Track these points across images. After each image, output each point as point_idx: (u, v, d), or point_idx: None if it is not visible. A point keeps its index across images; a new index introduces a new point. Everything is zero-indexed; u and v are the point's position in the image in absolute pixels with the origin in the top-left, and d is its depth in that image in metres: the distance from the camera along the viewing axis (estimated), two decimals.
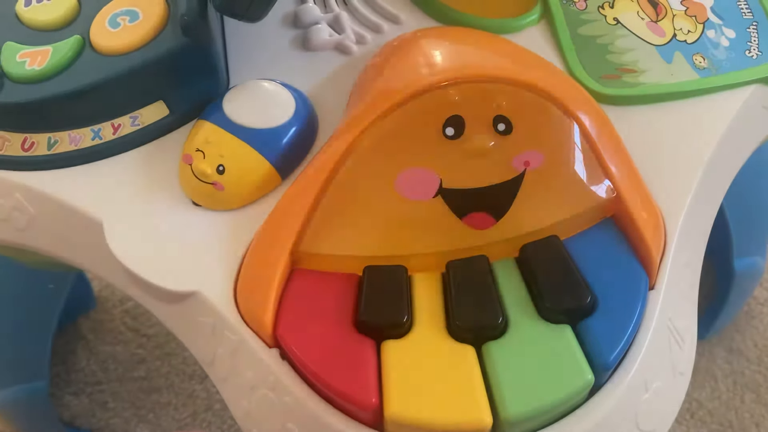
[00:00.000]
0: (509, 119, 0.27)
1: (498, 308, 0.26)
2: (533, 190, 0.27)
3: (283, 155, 0.29)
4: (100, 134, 0.30)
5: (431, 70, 0.28)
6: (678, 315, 0.28)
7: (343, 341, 0.25)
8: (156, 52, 0.30)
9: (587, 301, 0.26)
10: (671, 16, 0.35)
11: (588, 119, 0.29)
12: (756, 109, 0.34)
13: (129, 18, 0.31)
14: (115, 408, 0.49)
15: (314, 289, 0.27)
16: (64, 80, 0.30)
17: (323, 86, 0.32)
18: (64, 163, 0.30)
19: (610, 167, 0.28)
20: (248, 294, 0.27)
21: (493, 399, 0.24)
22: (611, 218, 0.29)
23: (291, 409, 0.25)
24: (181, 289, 0.27)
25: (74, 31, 0.31)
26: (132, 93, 0.30)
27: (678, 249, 0.29)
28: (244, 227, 0.29)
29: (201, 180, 0.29)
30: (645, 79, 0.33)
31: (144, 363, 0.51)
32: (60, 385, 0.50)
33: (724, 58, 0.34)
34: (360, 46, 0.34)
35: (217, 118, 0.30)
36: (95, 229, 0.29)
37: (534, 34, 0.35)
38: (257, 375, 0.26)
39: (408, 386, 0.24)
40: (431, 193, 0.27)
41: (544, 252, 0.27)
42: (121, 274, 0.29)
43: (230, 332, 0.27)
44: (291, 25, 0.34)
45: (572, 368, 0.25)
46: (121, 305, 0.54)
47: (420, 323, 0.26)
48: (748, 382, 0.50)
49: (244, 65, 0.32)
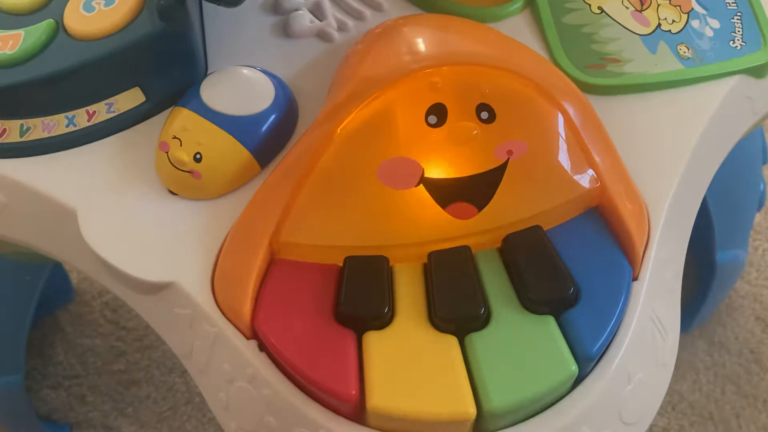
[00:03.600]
0: (492, 107, 0.27)
1: (480, 299, 0.26)
2: (516, 180, 0.27)
3: (262, 143, 0.29)
4: (75, 121, 0.30)
5: (414, 57, 0.28)
6: (661, 306, 0.28)
7: (323, 333, 0.25)
8: (132, 37, 0.29)
9: (570, 292, 0.26)
10: (656, 5, 0.35)
11: (572, 109, 0.28)
12: (740, 100, 0.34)
13: (104, 2, 0.30)
14: (93, 402, 0.48)
15: (294, 279, 0.26)
16: (37, 65, 0.29)
17: (304, 73, 0.32)
18: (37, 150, 0.30)
19: (594, 157, 0.28)
20: (226, 285, 0.26)
21: (477, 390, 0.24)
22: (595, 208, 0.28)
23: (270, 402, 0.25)
24: (157, 280, 0.27)
25: (47, 15, 0.30)
26: (107, 79, 0.30)
27: (662, 240, 0.29)
28: (222, 216, 0.28)
29: (178, 168, 0.28)
30: (629, 68, 0.33)
31: (123, 356, 0.50)
32: (37, 378, 0.49)
33: (709, 49, 0.34)
34: (342, 33, 0.33)
35: (194, 105, 0.29)
36: (69, 218, 0.28)
37: (518, 22, 0.34)
38: (235, 367, 0.26)
39: (390, 378, 0.24)
40: (413, 182, 0.27)
41: (528, 242, 0.27)
42: (96, 265, 0.28)
43: (208, 324, 0.26)
44: (271, 11, 0.34)
45: (556, 359, 0.25)
46: (100, 297, 0.53)
47: (401, 314, 0.26)
48: (728, 374, 0.50)
49: (223, 51, 0.32)
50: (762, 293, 0.54)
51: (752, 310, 0.53)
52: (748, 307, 0.53)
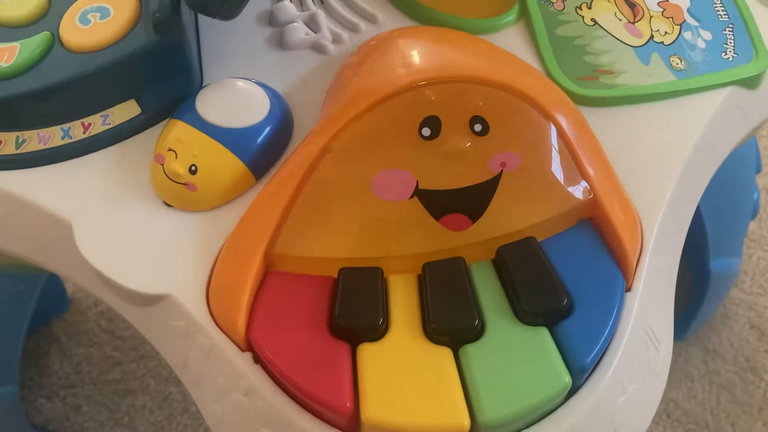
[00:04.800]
0: (486, 120, 0.27)
1: (474, 310, 0.26)
2: (510, 192, 0.27)
3: (257, 155, 0.29)
4: (70, 133, 0.30)
5: (408, 70, 0.28)
6: (654, 317, 0.28)
7: (318, 345, 0.25)
8: (127, 50, 0.29)
9: (564, 304, 0.26)
10: (648, 17, 0.35)
11: (565, 120, 0.28)
12: (732, 111, 0.34)
13: (100, 15, 0.30)
14: (89, 411, 0.48)
15: (288, 291, 0.26)
16: (33, 78, 0.29)
17: (299, 85, 0.32)
18: (32, 162, 0.30)
19: (587, 169, 0.28)
20: (221, 297, 0.26)
21: (471, 402, 0.24)
22: (588, 220, 0.28)
23: (264, 414, 0.25)
24: (153, 292, 0.27)
25: (43, 28, 0.31)
26: (103, 91, 0.30)
27: (655, 251, 0.29)
28: (217, 228, 0.28)
29: (173, 180, 0.28)
30: (622, 80, 0.33)
31: (119, 365, 0.50)
32: (32, 388, 0.49)
33: (701, 60, 0.35)
34: (336, 46, 0.33)
35: (189, 117, 0.29)
36: (65, 230, 0.28)
37: (511, 34, 0.34)
38: (230, 379, 0.26)
39: (384, 390, 0.24)
40: (408, 194, 0.27)
41: (521, 254, 0.27)
42: (92, 277, 0.28)
43: (202, 336, 0.26)
44: (266, 24, 0.34)
45: (549, 371, 0.25)
46: (95, 307, 0.53)
47: (396, 326, 0.26)
48: (723, 382, 0.50)
49: (218, 64, 0.32)
50: (756, 301, 0.54)
51: (747, 318, 0.53)
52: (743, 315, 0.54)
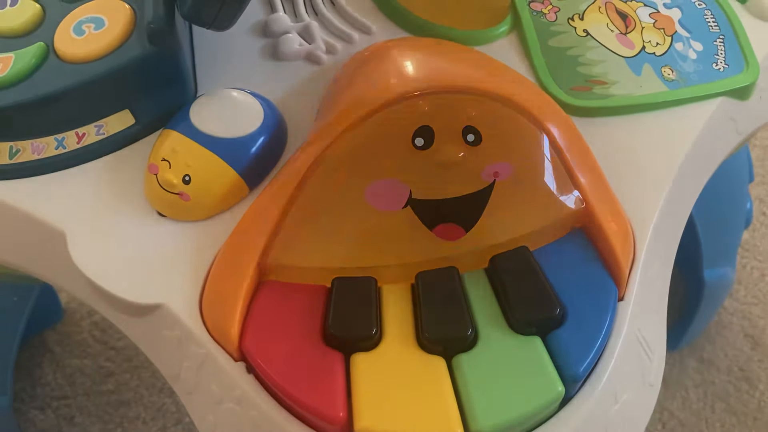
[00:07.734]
0: (478, 130, 0.27)
1: (468, 320, 0.26)
2: (502, 201, 0.27)
3: (250, 165, 0.29)
4: (64, 143, 0.30)
5: (401, 80, 0.28)
6: (647, 326, 0.28)
7: (311, 354, 0.25)
8: (122, 60, 0.29)
9: (557, 313, 0.26)
10: (640, 28, 0.36)
11: (557, 130, 0.29)
12: (723, 121, 0.35)
13: (94, 25, 0.30)
14: (82, 423, 0.48)
15: (282, 301, 0.26)
16: (27, 88, 0.29)
17: (293, 96, 0.32)
18: (26, 172, 0.30)
19: (579, 178, 0.28)
20: (214, 306, 0.26)
21: (464, 412, 0.24)
22: (581, 229, 0.29)
23: (257, 424, 0.25)
24: (146, 302, 0.27)
25: (38, 38, 0.31)
26: (97, 102, 0.30)
27: (647, 260, 0.29)
28: (211, 238, 0.28)
29: (167, 190, 0.28)
30: (614, 90, 0.33)
31: (112, 376, 0.50)
32: (25, 399, 0.49)
33: (692, 71, 0.35)
34: (330, 56, 0.34)
35: (183, 128, 0.29)
36: (58, 240, 0.28)
37: (504, 45, 0.35)
38: (223, 389, 0.26)
39: (378, 399, 0.24)
40: (401, 203, 0.27)
41: (514, 263, 0.27)
42: (85, 287, 0.28)
43: (196, 346, 0.26)
44: (261, 34, 0.34)
45: (542, 380, 0.25)
46: (89, 317, 0.53)
47: (389, 335, 0.26)
48: (718, 391, 0.50)
49: (212, 74, 0.32)
50: (751, 311, 0.54)
51: (741, 328, 0.53)
52: (737, 325, 0.54)
